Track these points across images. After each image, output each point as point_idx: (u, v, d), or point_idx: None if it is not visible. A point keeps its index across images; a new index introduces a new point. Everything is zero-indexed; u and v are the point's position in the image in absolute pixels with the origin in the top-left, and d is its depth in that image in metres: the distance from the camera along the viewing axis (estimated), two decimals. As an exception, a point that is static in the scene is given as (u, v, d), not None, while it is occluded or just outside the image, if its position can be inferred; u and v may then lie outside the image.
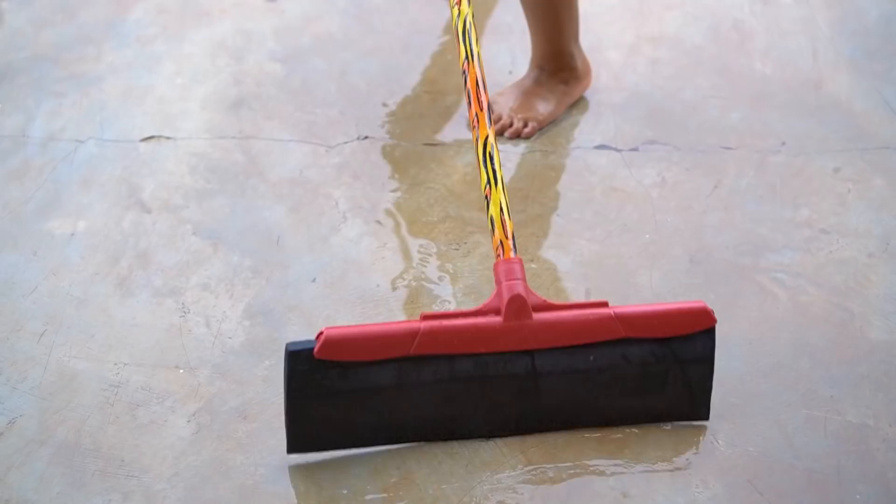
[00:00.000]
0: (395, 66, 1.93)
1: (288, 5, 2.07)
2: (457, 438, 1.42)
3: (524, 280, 1.38)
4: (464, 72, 1.48)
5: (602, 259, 1.59)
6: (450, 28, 1.99)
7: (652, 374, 1.41)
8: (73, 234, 1.61)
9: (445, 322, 1.36)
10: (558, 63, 1.84)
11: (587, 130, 1.82)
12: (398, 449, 1.37)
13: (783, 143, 1.78)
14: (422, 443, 1.38)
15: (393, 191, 1.70)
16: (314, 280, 1.55)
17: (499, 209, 1.41)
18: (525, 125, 1.80)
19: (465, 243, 1.61)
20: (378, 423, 1.41)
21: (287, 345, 1.33)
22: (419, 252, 1.59)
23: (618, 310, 1.38)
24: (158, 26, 2.01)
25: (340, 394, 1.36)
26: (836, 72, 1.93)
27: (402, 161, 1.75)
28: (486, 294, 1.53)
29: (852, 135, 1.80)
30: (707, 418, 1.41)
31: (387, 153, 1.77)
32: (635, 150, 1.78)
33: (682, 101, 1.87)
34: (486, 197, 1.42)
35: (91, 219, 1.64)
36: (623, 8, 2.07)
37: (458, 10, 1.49)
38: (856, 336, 1.47)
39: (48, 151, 1.75)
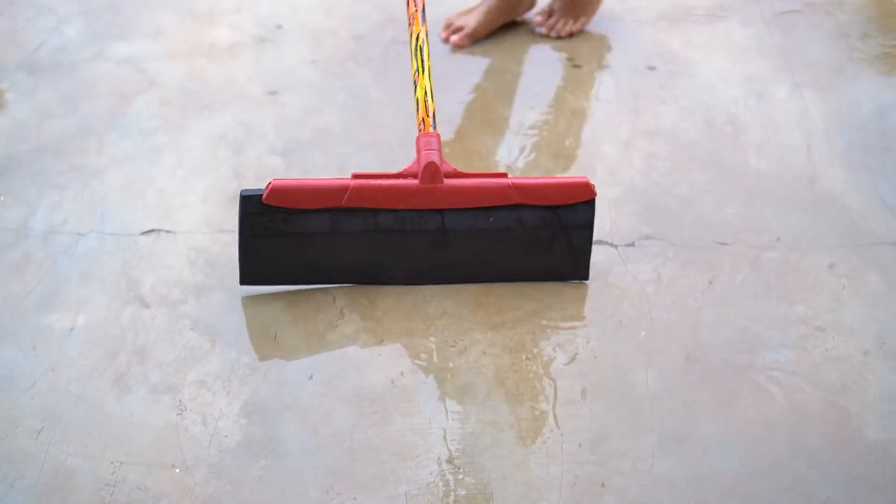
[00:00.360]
0: (393, 160, 1.95)
1: (288, 98, 2.10)
2: (380, 283, 1.72)
3: (440, 151, 1.66)
4: (414, 82, 1.74)
5: (598, 356, 1.59)
6: (446, 121, 2.02)
7: (541, 236, 1.70)
8: (72, 329, 1.62)
9: (371, 181, 1.65)
10: None
11: (584, 225, 1.83)
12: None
13: (778, 239, 1.80)
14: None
15: (391, 286, 1.71)
16: (311, 377, 1.55)
17: (423, 92, 1.71)
18: (575, 21, 2.23)
19: (462, 340, 1.62)
20: (314, 264, 1.71)
21: (241, 190, 1.65)
22: (416, 349, 1.60)
23: (515, 180, 1.67)
24: (160, 118, 2.04)
25: (283, 236, 1.67)
26: (830, 166, 1.95)
27: (400, 255, 1.77)
28: (481, 391, 1.54)
29: (847, 230, 1.82)
30: (587, 279, 1.72)
31: (385, 247, 1.78)
32: (631, 245, 1.79)
33: (677, 196, 1.88)
34: (415, 82, 1.73)
35: (90, 313, 1.64)
36: (618, 102, 2.10)
37: (412, 30, 1.77)
38: (852, 436, 1.47)
39: (49, 244, 1.76)
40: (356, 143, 1.99)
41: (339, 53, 2.21)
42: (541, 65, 2.19)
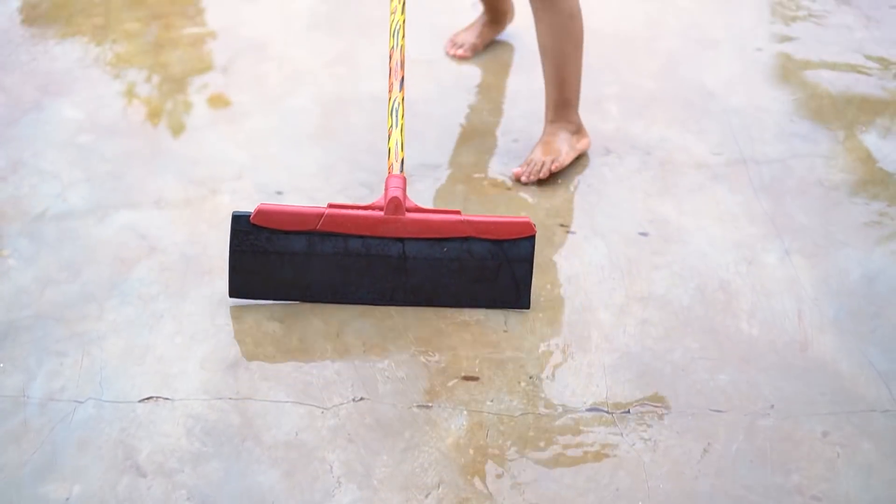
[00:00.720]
0: (390, 326, 1.98)
1: (287, 263, 2.14)
2: (348, 303, 2.01)
3: (404, 190, 1.97)
4: (388, 134, 2.04)
5: (595, 527, 1.59)
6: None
7: (488, 266, 2.00)
8: (67, 499, 1.62)
9: (343, 211, 1.96)
10: (564, 113, 2.42)
11: (579, 392, 1.85)
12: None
13: (772, 406, 1.81)
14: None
15: (387, 454, 1.72)
16: (307, 549, 1.55)
17: (395, 143, 2.03)
18: (552, 162, 2.38)
19: (459, 511, 1.62)
20: (292, 281, 2.00)
21: (233, 211, 1.96)
22: (413, 519, 1.60)
23: (467, 216, 1.98)
24: (161, 284, 2.07)
25: (267, 253, 1.97)
26: (821, 333, 1.98)
27: (397, 423, 1.78)
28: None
29: (839, 397, 1.83)
30: (528, 307, 2.01)
31: (381, 415, 1.79)
32: (626, 412, 1.80)
33: (671, 363, 1.90)
34: (389, 135, 2.04)
35: (86, 483, 1.64)
36: (612, 267, 2.14)
37: (391, 95, 2.07)
38: None
39: (47, 412, 1.77)
40: (354, 308, 2.02)
41: (337, 220, 2.26)
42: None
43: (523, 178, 2.39)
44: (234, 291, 2.00)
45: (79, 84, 2.70)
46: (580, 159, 2.46)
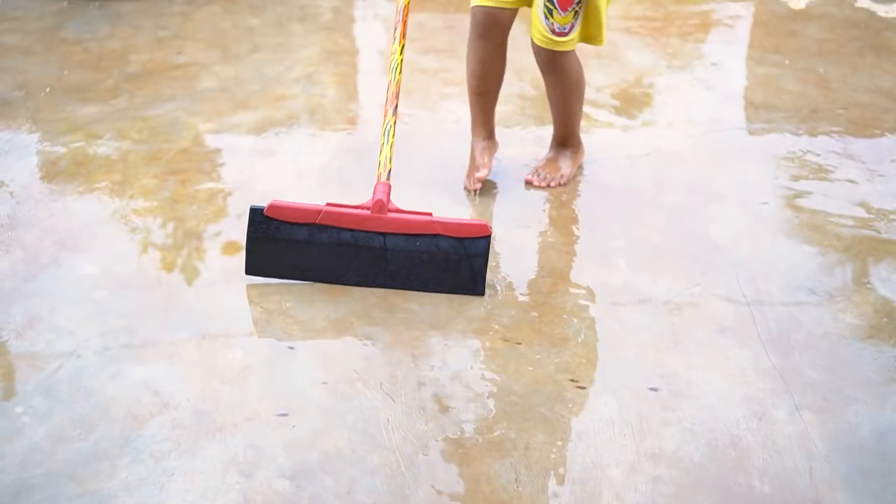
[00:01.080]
0: (401, 483, 1.97)
1: (298, 419, 2.14)
2: (340, 283, 2.57)
3: (388, 194, 2.53)
4: (388, 88, 2.65)
5: None
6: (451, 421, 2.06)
7: (452, 259, 2.53)
8: None
9: (338, 208, 2.52)
10: (569, 141, 3.10)
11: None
12: None
13: (786, 568, 1.80)
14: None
15: None
16: None
17: (384, 157, 2.59)
18: (560, 178, 3.04)
19: None
20: (295, 263, 2.56)
21: (251, 205, 2.53)
22: None
23: (437, 218, 2.51)
24: (172, 441, 2.08)
25: (277, 240, 2.53)
26: (833, 490, 1.97)
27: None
28: None
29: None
30: (482, 294, 2.55)
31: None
32: (639, 574, 1.79)
33: (683, 522, 1.89)
34: (380, 150, 2.61)
35: None
36: (623, 423, 2.14)
37: (394, 57, 2.68)
38: None
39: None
40: (364, 466, 2.02)
41: (349, 375, 2.28)
42: (544, 384, 2.25)
43: (535, 183, 3.04)
44: (250, 269, 2.58)
45: (96, 239, 2.75)
46: (588, 310, 2.49)
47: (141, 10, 4.37)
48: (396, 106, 2.66)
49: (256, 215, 2.52)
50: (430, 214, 2.51)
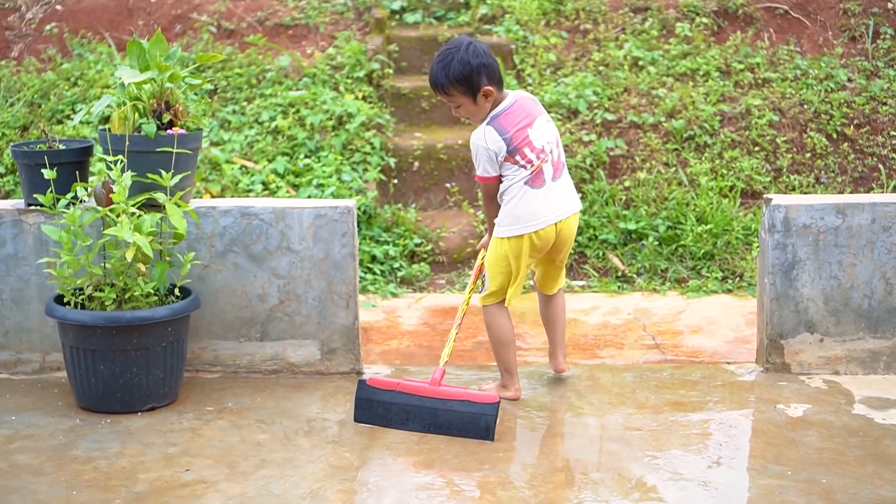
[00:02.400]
0: None
1: None
2: (408, 430, 4.38)
3: (442, 376, 4.44)
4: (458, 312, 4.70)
5: None
6: None
7: (475, 417, 4.33)
8: None
9: (409, 382, 4.50)
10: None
11: None
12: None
13: None
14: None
15: None
16: None
17: (446, 351, 4.54)
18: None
19: None
20: (384, 415, 4.42)
21: (360, 378, 4.56)
22: None
23: (469, 390, 4.47)
24: None
25: (372, 400, 4.44)
26: None
27: None
28: None
29: None
30: (492, 440, 4.29)
31: None
32: None
33: None
34: (444, 347, 4.58)
35: None
36: None
37: (466, 295, 4.73)
38: None
39: None
40: None
41: None
42: None
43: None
44: (357, 419, 4.46)
45: None
46: None
47: (151, 427, 4.47)
48: (460, 324, 4.60)
49: (362, 385, 4.45)
50: (465, 388, 4.50)
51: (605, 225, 6.81)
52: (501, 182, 4.55)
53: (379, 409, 4.42)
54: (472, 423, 4.30)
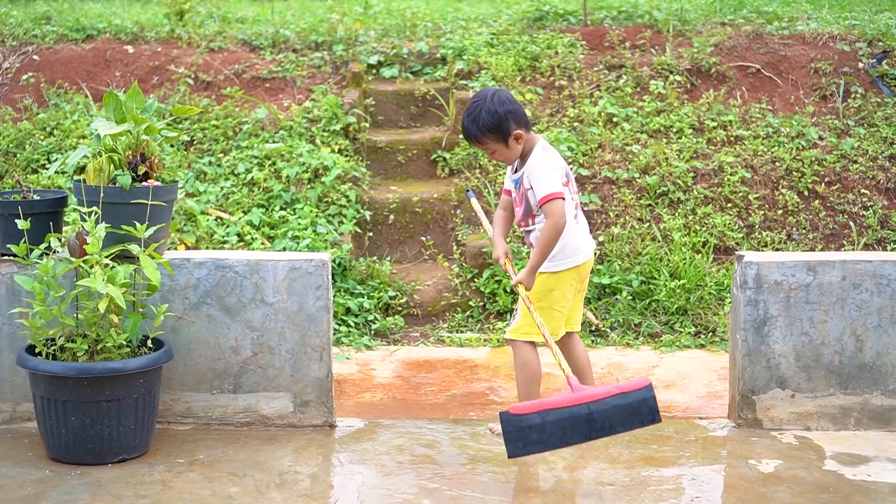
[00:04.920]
0: None
1: None
2: (575, 444, 4.41)
3: (576, 380, 4.47)
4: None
5: None
6: None
7: (629, 406, 4.36)
8: None
9: (555, 399, 4.40)
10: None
11: None
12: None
13: None
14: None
15: None
16: None
17: (564, 364, 4.55)
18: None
19: None
20: (542, 441, 4.30)
21: (500, 413, 4.33)
22: None
23: (618, 385, 4.45)
24: None
25: (522, 429, 4.27)
26: None
27: None
28: None
29: None
30: (660, 421, 4.44)
31: None
32: None
33: None
34: (559, 364, 4.55)
35: None
36: None
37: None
38: None
39: None
40: None
41: None
42: None
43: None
44: (513, 454, 4.31)
45: None
46: None
47: (121, 478, 4.44)
48: (552, 348, 4.56)
49: (505, 415, 4.31)
50: (607, 385, 4.54)
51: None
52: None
53: (532, 434, 4.26)
54: (635, 413, 4.32)
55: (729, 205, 7.35)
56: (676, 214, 7.26)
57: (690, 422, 5.17)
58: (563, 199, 4.64)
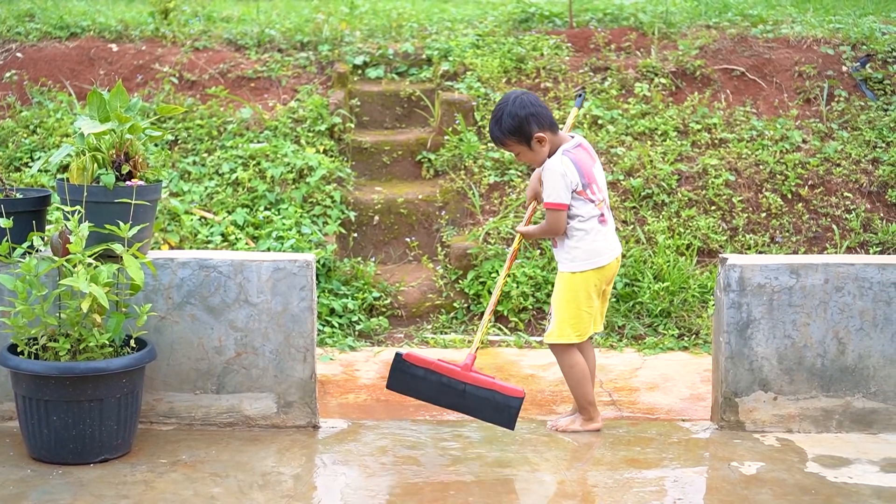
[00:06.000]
0: None
1: None
2: (436, 405, 4.88)
3: (473, 361, 4.77)
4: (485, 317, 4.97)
5: None
6: None
7: (497, 402, 4.72)
8: None
9: (443, 363, 4.77)
10: (580, 408, 5.06)
11: None
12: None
13: None
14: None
15: None
16: None
17: (477, 339, 4.89)
18: (555, 425, 5.08)
19: None
20: (413, 388, 4.80)
21: (396, 352, 4.83)
22: None
23: (495, 380, 4.79)
24: None
25: (405, 374, 4.78)
26: None
27: None
28: None
29: None
30: (513, 429, 4.80)
31: None
32: None
33: None
34: (476, 338, 4.91)
35: None
36: None
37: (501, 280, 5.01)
38: None
39: None
40: None
41: None
42: None
43: (548, 426, 5.04)
44: (390, 387, 4.81)
45: None
46: None
47: (103, 478, 4.42)
48: (488, 319, 4.88)
49: (398, 358, 4.76)
50: (493, 377, 4.80)
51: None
52: (572, 218, 4.83)
53: (411, 381, 4.76)
54: (497, 411, 4.68)
55: (713, 207, 7.37)
56: (661, 217, 7.27)
57: (673, 424, 5.18)
58: (566, 209, 4.80)
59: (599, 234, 4.88)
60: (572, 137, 4.93)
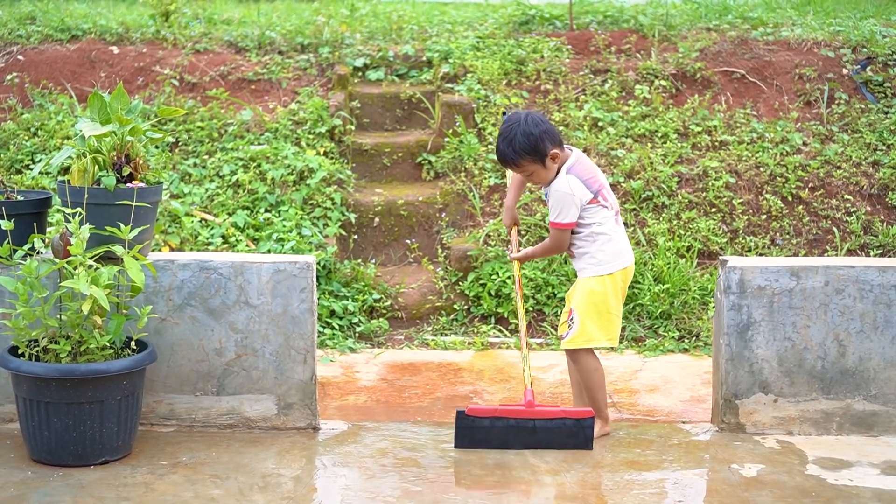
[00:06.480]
0: None
1: None
2: (510, 449, 4.74)
3: (533, 395, 4.76)
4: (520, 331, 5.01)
5: None
6: None
7: (568, 429, 4.72)
8: None
9: (508, 406, 4.80)
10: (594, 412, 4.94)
11: None
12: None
13: None
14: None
15: None
16: None
17: (527, 373, 4.83)
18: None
19: None
20: (485, 440, 4.71)
21: (457, 410, 4.74)
22: None
23: (563, 408, 4.92)
24: None
25: (471, 428, 4.72)
26: None
27: None
28: None
29: None
30: (592, 449, 4.75)
31: None
32: None
33: None
34: (523, 369, 4.88)
35: None
36: None
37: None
38: None
39: None
40: None
41: None
42: None
43: None
44: (458, 445, 4.72)
45: None
46: None
47: (103, 480, 4.42)
48: (526, 343, 4.89)
49: (461, 414, 4.69)
50: (558, 406, 5.02)
51: (563, 283, 6.85)
52: (587, 226, 4.85)
53: (479, 434, 4.70)
54: (571, 436, 4.70)
55: (713, 210, 7.37)
56: (661, 219, 7.28)
57: (673, 426, 5.18)
58: (571, 229, 4.84)
59: (618, 234, 4.93)
60: (571, 151, 4.93)
